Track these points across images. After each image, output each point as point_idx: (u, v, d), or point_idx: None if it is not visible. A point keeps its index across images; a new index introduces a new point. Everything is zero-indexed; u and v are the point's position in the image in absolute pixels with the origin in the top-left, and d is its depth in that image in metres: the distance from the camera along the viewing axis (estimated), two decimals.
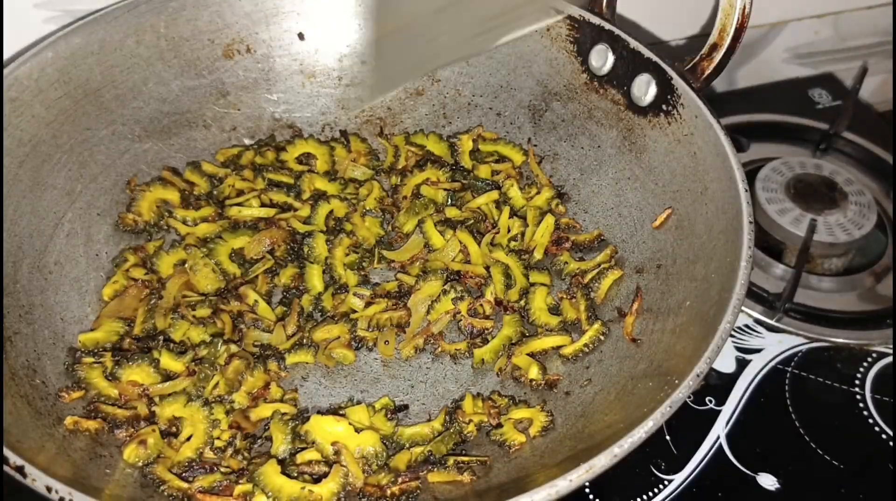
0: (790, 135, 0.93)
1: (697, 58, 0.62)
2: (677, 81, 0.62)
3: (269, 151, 0.72)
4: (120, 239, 0.65)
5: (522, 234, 0.68)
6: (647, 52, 0.65)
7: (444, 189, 0.70)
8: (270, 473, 0.50)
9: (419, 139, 0.75)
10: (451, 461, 0.53)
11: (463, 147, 0.73)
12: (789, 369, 0.70)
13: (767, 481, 0.62)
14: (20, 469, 0.41)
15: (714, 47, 0.60)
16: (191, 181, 0.69)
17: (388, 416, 0.55)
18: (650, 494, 0.60)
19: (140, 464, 0.51)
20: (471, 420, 0.55)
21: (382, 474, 0.51)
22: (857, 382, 0.69)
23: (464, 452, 0.54)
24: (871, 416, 0.66)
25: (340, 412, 0.55)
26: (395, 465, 0.52)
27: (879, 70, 1.04)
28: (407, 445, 0.54)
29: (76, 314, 0.59)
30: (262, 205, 0.68)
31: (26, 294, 0.57)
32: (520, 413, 0.55)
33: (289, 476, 0.50)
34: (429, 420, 0.56)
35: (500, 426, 0.55)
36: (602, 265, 0.65)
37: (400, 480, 0.51)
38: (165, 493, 0.49)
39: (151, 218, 0.66)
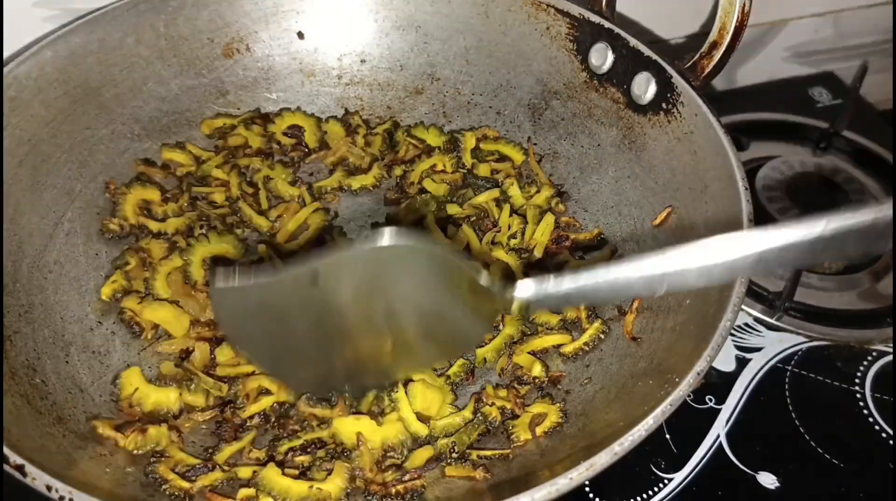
0: (790, 133, 0.93)
1: (697, 56, 0.62)
2: (677, 80, 0.62)
3: (257, 124, 0.72)
4: (119, 239, 0.65)
5: (522, 232, 0.68)
6: (646, 51, 0.65)
7: (447, 182, 0.70)
8: (273, 476, 0.50)
9: (420, 132, 0.75)
10: (474, 454, 0.53)
11: (466, 144, 0.73)
12: (789, 367, 0.70)
13: (767, 479, 0.62)
14: (20, 468, 0.41)
15: (714, 46, 0.60)
16: (169, 164, 0.69)
17: (464, 377, 0.58)
18: (650, 493, 0.60)
19: (138, 452, 0.51)
20: (494, 403, 0.55)
21: (389, 472, 0.51)
22: (856, 380, 0.69)
23: (483, 447, 0.54)
24: (870, 415, 0.66)
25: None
26: (412, 463, 0.52)
27: (880, 69, 1.04)
28: (440, 436, 0.54)
29: (76, 314, 0.59)
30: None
31: (26, 293, 0.57)
32: (540, 407, 0.55)
33: (290, 476, 0.50)
34: (459, 411, 0.56)
35: (517, 416, 0.55)
36: None
37: (407, 478, 0.51)
38: (167, 492, 0.49)
39: (137, 220, 0.65)
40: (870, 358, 0.71)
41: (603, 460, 0.42)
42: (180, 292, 0.61)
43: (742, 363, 0.70)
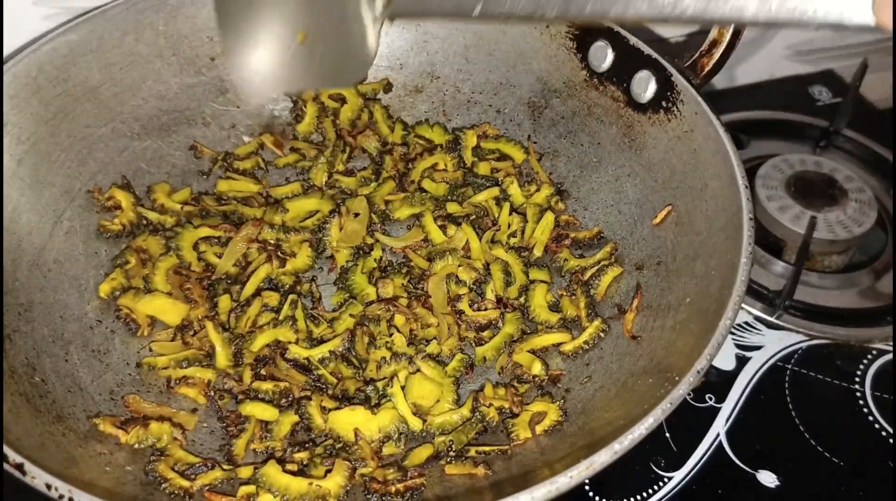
0: (790, 132, 0.93)
1: (697, 54, 0.62)
2: (677, 78, 0.62)
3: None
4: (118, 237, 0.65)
5: (522, 231, 0.68)
6: (646, 49, 0.65)
7: (447, 181, 0.70)
8: (273, 473, 0.50)
9: (424, 131, 0.75)
10: (472, 451, 0.53)
11: (467, 142, 0.73)
12: (789, 366, 0.70)
13: (767, 478, 0.62)
14: (20, 467, 0.41)
15: (714, 44, 0.60)
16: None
17: (464, 372, 0.58)
18: (650, 491, 0.60)
19: (139, 446, 0.51)
20: (491, 404, 0.55)
21: (391, 470, 0.51)
22: (856, 379, 0.69)
23: (482, 444, 0.54)
24: (870, 413, 0.66)
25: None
26: (412, 461, 0.52)
27: (880, 67, 1.04)
28: (437, 433, 0.54)
29: (75, 312, 0.59)
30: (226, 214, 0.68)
31: (25, 292, 0.57)
32: (539, 406, 0.55)
33: (291, 473, 0.50)
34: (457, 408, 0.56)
35: (516, 415, 0.55)
36: (602, 262, 0.65)
37: (409, 475, 0.51)
38: (167, 491, 0.49)
39: (134, 218, 0.65)
40: (870, 357, 0.71)
41: (603, 458, 0.42)
42: (178, 288, 0.61)
43: (742, 362, 0.70)
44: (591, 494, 0.60)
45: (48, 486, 0.41)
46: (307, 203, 0.68)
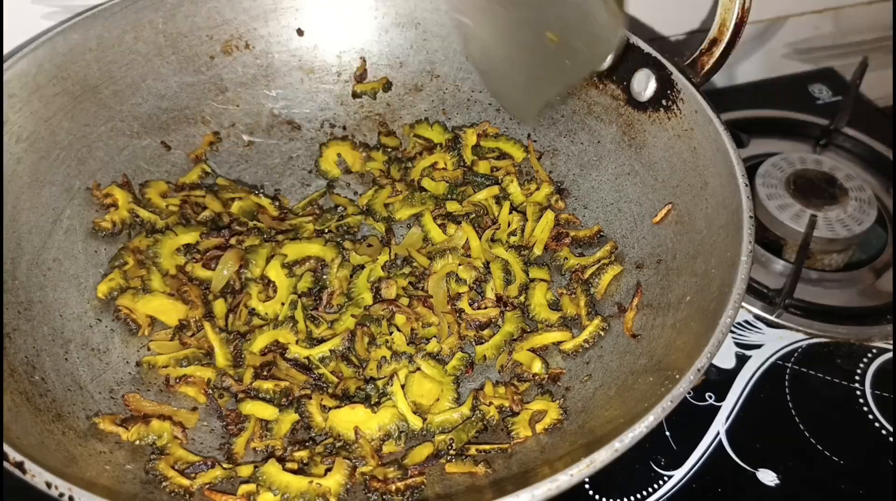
0: (790, 130, 0.93)
1: (697, 53, 0.62)
2: (677, 76, 0.62)
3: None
4: (113, 236, 0.65)
5: (522, 229, 0.68)
6: (646, 48, 0.65)
7: (446, 180, 0.70)
8: (274, 472, 0.50)
9: (423, 130, 0.75)
10: (472, 449, 0.53)
11: (467, 141, 0.73)
12: (789, 365, 0.70)
13: (767, 477, 0.62)
14: (20, 465, 0.41)
15: (714, 42, 0.60)
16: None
17: (464, 371, 0.58)
18: (650, 490, 0.60)
19: (140, 442, 0.51)
20: (491, 403, 0.55)
21: (391, 469, 0.51)
22: (857, 378, 0.69)
23: (482, 442, 0.54)
24: (870, 412, 0.66)
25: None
26: (412, 460, 0.52)
27: (880, 65, 1.04)
28: (437, 431, 0.54)
29: (75, 311, 0.59)
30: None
31: (25, 291, 0.57)
32: (539, 404, 0.55)
33: (292, 471, 0.50)
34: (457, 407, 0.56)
35: (517, 413, 0.55)
36: (602, 261, 0.65)
37: (409, 474, 0.51)
38: (167, 489, 0.49)
39: (127, 216, 0.65)
40: (870, 355, 0.71)
41: (603, 457, 0.42)
42: (177, 288, 0.61)
43: (742, 361, 0.70)
44: (591, 492, 0.60)
45: (48, 484, 0.41)
46: (308, 248, 0.64)
